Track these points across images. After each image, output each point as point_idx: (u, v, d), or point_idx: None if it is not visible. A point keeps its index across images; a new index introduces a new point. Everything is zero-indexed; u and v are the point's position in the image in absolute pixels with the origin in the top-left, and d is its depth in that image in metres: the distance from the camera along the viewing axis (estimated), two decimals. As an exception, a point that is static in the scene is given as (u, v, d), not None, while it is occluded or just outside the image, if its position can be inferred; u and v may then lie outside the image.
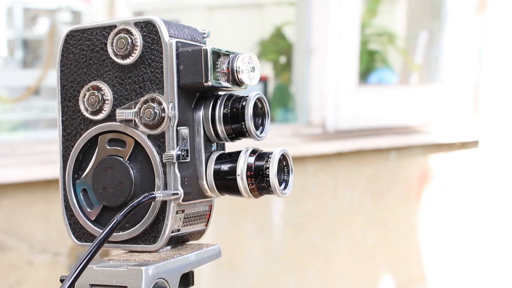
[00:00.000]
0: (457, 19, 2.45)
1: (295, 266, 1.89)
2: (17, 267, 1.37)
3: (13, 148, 1.42)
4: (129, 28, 0.54)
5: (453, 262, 2.39)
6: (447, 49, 2.49)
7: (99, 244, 0.48)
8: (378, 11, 2.87)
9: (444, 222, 2.34)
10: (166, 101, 0.53)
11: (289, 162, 0.57)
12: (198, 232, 0.59)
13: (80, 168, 0.57)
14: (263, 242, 1.82)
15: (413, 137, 2.15)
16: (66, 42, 0.58)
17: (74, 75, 0.57)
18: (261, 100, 0.57)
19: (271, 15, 3.46)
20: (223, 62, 0.55)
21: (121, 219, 0.50)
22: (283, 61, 2.62)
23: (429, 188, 2.26)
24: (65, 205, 0.58)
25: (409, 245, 2.23)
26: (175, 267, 0.53)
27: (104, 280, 0.51)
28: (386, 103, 2.20)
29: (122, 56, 0.55)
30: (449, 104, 2.39)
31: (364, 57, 2.55)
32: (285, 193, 0.56)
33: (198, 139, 0.56)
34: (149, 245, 0.55)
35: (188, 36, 0.56)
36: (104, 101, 0.55)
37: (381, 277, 2.14)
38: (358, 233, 2.05)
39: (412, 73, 2.85)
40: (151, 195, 0.52)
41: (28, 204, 1.37)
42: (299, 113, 2.08)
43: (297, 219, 1.88)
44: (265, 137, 0.57)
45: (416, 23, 2.89)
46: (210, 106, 0.56)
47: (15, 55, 3.69)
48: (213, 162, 0.56)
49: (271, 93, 2.42)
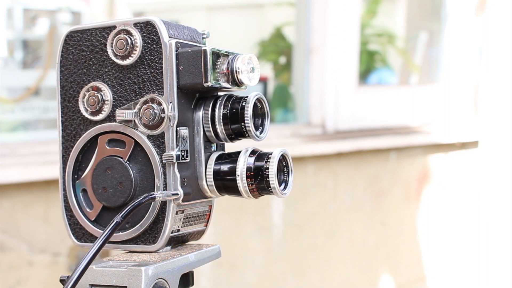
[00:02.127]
0: (457, 20, 2.45)
1: (295, 266, 1.89)
2: (17, 267, 1.37)
3: (13, 148, 1.42)
4: (129, 28, 0.54)
5: (453, 262, 2.39)
6: (447, 50, 2.49)
7: (100, 246, 0.48)
8: (378, 11, 2.87)
9: (444, 222, 2.34)
10: (165, 102, 0.53)
11: (288, 162, 0.57)
12: (198, 232, 0.59)
13: (80, 168, 0.57)
14: (263, 242, 1.82)
15: (413, 137, 2.15)
16: (66, 42, 0.58)
17: (74, 75, 0.57)
18: (261, 101, 0.57)
19: (271, 16, 3.46)
20: (222, 63, 0.55)
21: (121, 220, 0.50)
22: (283, 62, 2.62)
23: (429, 188, 2.26)
24: (65, 205, 0.58)
25: (409, 245, 2.23)
26: (175, 267, 0.53)
27: (104, 280, 0.51)
28: (386, 103, 2.20)
29: (122, 56, 0.55)
30: (449, 104, 2.39)
31: (364, 58, 2.55)
32: (285, 193, 0.56)
33: (197, 140, 0.56)
34: (149, 246, 0.55)
35: (188, 36, 0.56)
36: (104, 101, 0.55)
37: (381, 277, 2.14)
38: (358, 233, 2.05)
39: (412, 74, 2.85)
40: (151, 196, 0.52)
41: (28, 204, 1.37)
42: (299, 113, 2.08)
43: (297, 219, 1.88)
44: (265, 138, 0.57)
45: (416, 23, 2.89)
46: (210, 107, 0.56)
47: (15, 55, 3.69)
48: (212, 163, 0.56)
49: (271, 93, 2.42)
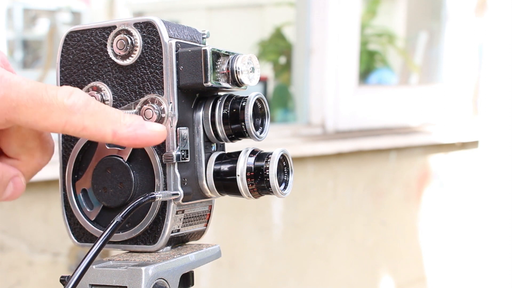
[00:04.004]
0: (457, 20, 2.46)
1: (295, 266, 1.89)
2: (17, 267, 1.37)
3: (13, 148, 1.42)
4: (129, 28, 0.54)
5: (453, 262, 2.39)
6: (447, 50, 2.49)
7: (100, 246, 0.48)
8: (378, 11, 2.88)
9: (444, 222, 2.34)
10: (166, 102, 0.53)
11: (289, 162, 0.57)
12: (198, 232, 0.59)
13: (80, 168, 0.57)
14: (263, 242, 1.82)
15: (413, 137, 2.15)
16: (66, 42, 0.58)
17: (74, 75, 0.57)
18: (261, 101, 0.57)
19: (271, 16, 3.47)
20: (222, 63, 0.55)
21: (121, 220, 0.50)
22: (283, 62, 2.62)
23: (429, 188, 2.26)
24: (65, 205, 0.58)
25: (409, 245, 2.23)
26: (175, 267, 0.53)
27: (104, 280, 0.51)
28: (386, 103, 2.20)
29: (122, 56, 0.55)
30: (449, 105, 2.39)
31: (364, 58, 2.56)
32: (285, 193, 0.56)
33: (198, 140, 0.56)
34: (149, 246, 0.55)
35: (188, 36, 0.56)
36: (104, 101, 0.55)
37: (381, 277, 2.14)
38: (358, 233, 2.05)
39: (412, 74, 2.85)
40: (151, 196, 0.52)
41: (28, 204, 1.37)
42: (299, 113, 2.08)
43: (297, 219, 1.88)
44: (265, 138, 0.57)
45: (416, 23, 2.90)
46: (210, 107, 0.56)
47: (15, 55, 3.69)
48: (213, 163, 0.56)
49: (271, 93, 2.43)
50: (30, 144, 0.51)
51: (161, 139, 0.49)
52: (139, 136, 0.48)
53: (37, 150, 0.51)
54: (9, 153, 0.51)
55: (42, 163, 0.52)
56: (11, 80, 0.45)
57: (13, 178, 0.50)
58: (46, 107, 0.45)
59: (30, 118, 0.45)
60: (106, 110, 0.47)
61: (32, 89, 0.45)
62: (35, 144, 0.51)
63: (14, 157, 0.51)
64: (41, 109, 0.45)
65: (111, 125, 0.47)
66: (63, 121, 0.45)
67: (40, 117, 0.45)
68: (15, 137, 0.50)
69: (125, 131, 0.47)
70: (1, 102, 0.45)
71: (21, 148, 0.50)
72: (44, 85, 0.46)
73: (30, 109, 0.45)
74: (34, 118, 0.45)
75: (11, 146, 0.50)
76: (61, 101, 0.45)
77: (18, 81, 0.45)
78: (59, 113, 0.45)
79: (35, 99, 0.45)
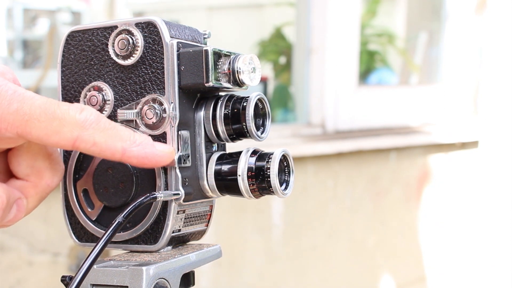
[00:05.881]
0: (457, 20, 2.46)
1: (295, 266, 1.89)
2: (17, 267, 1.38)
3: (13, 148, 1.42)
4: (130, 28, 0.54)
5: (453, 262, 2.39)
6: (447, 50, 2.49)
7: (102, 246, 0.48)
8: (378, 11, 2.88)
9: (444, 222, 2.34)
10: (167, 102, 0.53)
11: (289, 162, 0.57)
12: (198, 232, 0.59)
13: (81, 168, 0.57)
14: (263, 242, 1.82)
15: (413, 137, 2.16)
16: (67, 42, 0.58)
17: (75, 75, 0.57)
18: (262, 101, 0.57)
19: (270, 16, 3.47)
20: (224, 63, 0.55)
21: (122, 220, 0.50)
22: (283, 62, 2.62)
23: (429, 188, 2.26)
24: (66, 205, 0.58)
25: (409, 245, 2.23)
26: (176, 267, 0.53)
27: (105, 280, 0.51)
28: (386, 103, 2.20)
29: (123, 56, 0.55)
30: (449, 104, 2.39)
31: (364, 58, 2.56)
32: (286, 193, 0.56)
33: (199, 140, 0.56)
34: (150, 245, 0.55)
35: (189, 36, 0.56)
36: (105, 101, 0.55)
37: (381, 277, 2.14)
38: (358, 233, 2.05)
39: (412, 74, 2.85)
40: (152, 196, 0.52)
41: (28, 205, 1.37)
42: (299, 113, 2.08)
43: (297, 219, 1.88)
44: (266, 138, 0.57)
45: (416, 23, 2.90)
46: (211, 107, 0.56)
47: (15, 55, 3.69)
48: (214, 163, 0.56)
49: (271, 93, 2.43)
50: (39, 164, 0.51)
51: (169, 160, 0.51)
52: (148, 155, 0.48)
53: (47, 170, 0.51)
54: (19, 174, 0.51)
55: (51, 185, 0.52)
56: (25, 94, 0.46)
57: (17, 200, 0.50)
58: (58, 121, 0.45)
59: (41, 132, 0.45)
60: (117, 128, 0.47)
61: (45, 103, 0.46)
62: (45, 164, 0.51)
63: (23, 178, 0.51)
64: (53, 123, 0.45)
65: (121, 142, 0.47)
66: (74, 136, 0.46)
67: (52, 131, 0.45)
68: (25, 156, 0.50)
69: (135, 149, 0.48)
70: (14, 116, 0.45)
71: (31, 168, 0.51)
72: (56, 101, 0.46)
73: (42, 123, 0.45)
74: (46, 131, 0.45)
75: (21, 166, 0.50)
76: (73, 116, 0.46)
77: (31, 96, 0.46)
78: (71, 128, 0.45)
79: (47, 113, 0.45)
